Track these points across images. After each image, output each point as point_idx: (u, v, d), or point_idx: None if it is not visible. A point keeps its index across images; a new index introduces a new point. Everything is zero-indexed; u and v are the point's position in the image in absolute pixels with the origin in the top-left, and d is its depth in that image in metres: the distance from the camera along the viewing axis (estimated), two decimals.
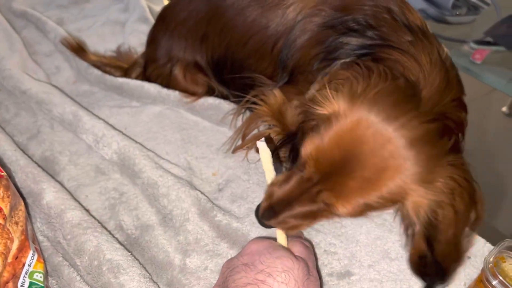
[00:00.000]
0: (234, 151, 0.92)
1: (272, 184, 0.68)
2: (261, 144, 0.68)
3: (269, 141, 0.70)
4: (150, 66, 1.11)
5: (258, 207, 0.67)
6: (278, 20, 0.88)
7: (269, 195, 0.67)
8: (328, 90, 0.59)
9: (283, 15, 0.87)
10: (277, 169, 0.70)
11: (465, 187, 0.58)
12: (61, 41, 1.23)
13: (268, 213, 0.65)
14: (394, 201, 0.58)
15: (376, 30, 0.72)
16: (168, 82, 1.08)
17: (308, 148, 0.58)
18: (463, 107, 0.68)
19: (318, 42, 0.81)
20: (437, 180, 0.56)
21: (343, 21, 0.77)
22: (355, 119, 0.55)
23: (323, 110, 0.60)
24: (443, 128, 0.58)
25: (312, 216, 0.66)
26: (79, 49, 1.20)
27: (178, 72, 1.06)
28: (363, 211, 0.59)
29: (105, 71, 1.16)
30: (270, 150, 0.68)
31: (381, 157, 0.54)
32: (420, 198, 0.57)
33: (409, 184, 0.55)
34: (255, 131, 0.92)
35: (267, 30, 0.90)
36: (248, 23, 0.92)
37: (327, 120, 0.58)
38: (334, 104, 0.58)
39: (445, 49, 0.72)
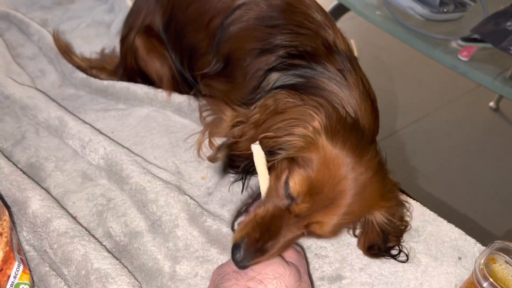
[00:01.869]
0: (209, 160, 0.91)
1: (247, 224, 0.65)
2: (255, 147, 0.67)
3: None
4: (121, 46, 1.11)
5: (237, 249, 0.62)
6: None
7: (252, 237, 0.63)
8: (308, 131, 0.66)
9: None
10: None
11: (395, 184, 0.73)
12: (53, 30, 1.22)
13: (252, 253, 0.62)
14: (363, 216, 0.73)
15: (313, 58, 0.79)
16: (135, 55, 1.06)
17: (299, 186, 0.64)
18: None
19: (253, 38, 0.85)
20: (388, 192, 0.71)
21: (279, 26, 0.83)
22: (335, 160, 0.64)
23: (306, 151, 0.66)
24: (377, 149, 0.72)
25: (292, 242, 0.69)
26: (66, 51, 1.18)
27: (132, 37, 1.05)
28: (341, 230, 0.73)
29: (91, 74, 1.14)
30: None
31: (358, 190, 0.64)
32: (381, 210, 0.71)
33: (375, 203, 0.69)
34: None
35: (207, 2, 0.92)
36: None
37: (310, 158, 0.65)
38: (315, 144, 0.65)
39: (365, 77, 0.81)
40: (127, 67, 1.10)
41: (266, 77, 0.81)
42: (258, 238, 0.62)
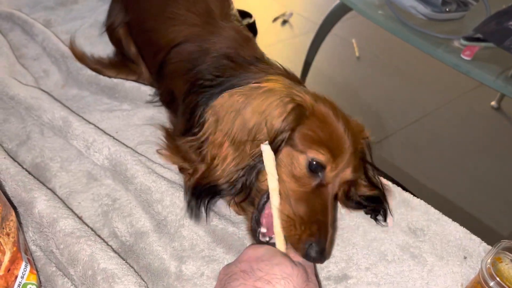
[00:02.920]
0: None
1: (295, 223, 0.68)
2: (265, 147, 0.67)
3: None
4: (110, 37, 1.21)
5: (310, 248, 0.66)
6: (164, 30, 0.98)
7: (314, 228, 0.67)
8: (294, 101, 0.71)
9: (167, 30, 0.97)
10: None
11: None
12: (70, 40, 1.24)
13: (323, 243, 0.67)
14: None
15: (236, 68, 0.85)
16: (121, 44, 1.15)
17: (324, 152, 0.69)
18: None
19: (184, 80, 0.90)
20: (356, 126, 0.79)
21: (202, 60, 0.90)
22: (328, 117, 0.72)
23: (304, 119, 0.71)
24: None
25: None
26: (82, 57, 1.19)
27: (116, 29, 1.14)
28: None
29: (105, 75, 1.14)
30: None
31: (353, 135, 0.74)
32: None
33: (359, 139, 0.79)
34: None
35: (156, 35, 1.00)
36: (152, 10, 1.03)
37: (310, 125, 0.71)
38: (308, 108, 0.72)
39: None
40: (122, 52, 1.18)
41: (196, 105, 0.84)
42: (320, 224, 0.68)
